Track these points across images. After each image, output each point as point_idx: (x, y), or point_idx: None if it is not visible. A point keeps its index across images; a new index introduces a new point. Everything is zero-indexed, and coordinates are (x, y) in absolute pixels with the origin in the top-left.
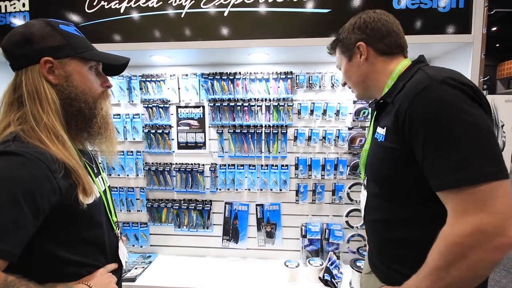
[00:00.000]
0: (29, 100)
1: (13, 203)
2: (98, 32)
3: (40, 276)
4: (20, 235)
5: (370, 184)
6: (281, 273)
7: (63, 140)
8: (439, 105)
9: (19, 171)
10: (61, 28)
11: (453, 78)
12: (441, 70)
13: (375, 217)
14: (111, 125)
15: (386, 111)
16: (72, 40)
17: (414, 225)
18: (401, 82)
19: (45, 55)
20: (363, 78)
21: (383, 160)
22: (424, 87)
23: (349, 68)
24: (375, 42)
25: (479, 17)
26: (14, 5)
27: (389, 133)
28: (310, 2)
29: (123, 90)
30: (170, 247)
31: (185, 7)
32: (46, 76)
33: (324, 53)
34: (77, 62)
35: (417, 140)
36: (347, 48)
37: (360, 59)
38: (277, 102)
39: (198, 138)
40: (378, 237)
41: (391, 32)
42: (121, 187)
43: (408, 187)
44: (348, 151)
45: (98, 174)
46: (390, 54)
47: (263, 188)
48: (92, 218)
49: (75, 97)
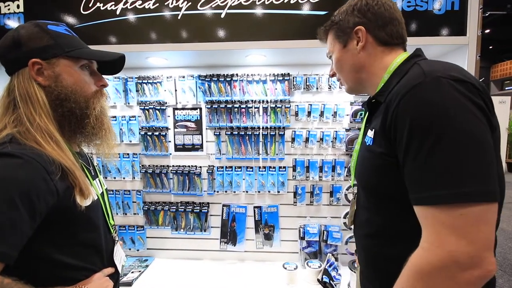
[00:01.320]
0: (22, 103)
1: (10, 205)
2: (94, 33)
3: (36, 279)
4: (17, 237)
5: (359, 191)
6: (279, 275)
7: (57, 141)
8: (428, 106)
9: (16, 172)
10: (49, 28)
11: (451, 75)
12: (440, 65)
13: (365, 232)
14: (107, 125)
15: (378, 112)
16: (60, 40)
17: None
18: (395, 79)
19: (32, 57)
20: (357, 68)
21: (371, 167)
22: (415, 84)
23: (342, 55)
24: (376, 29)
25: (474, 19)
26: (8, 7)
27: (377, 136)
28: (307, 4)
29: (119, 92)
30: (167, 250)
31: (181, 9)
32: (36, 78)
33: (321, 55)
34: (65, 62)
35: (400, 146)
36: (343, 31)
37: (356, 46)
38: (275, 104)
39: (195, 140)
40: (371, 256)
41: (394, 20)
42: (117, 190)
43: (400, 196)
44: (345, 152)
45: (96, 177)
46: (389, 44)
47: (261, 190)
48: (89, 220)
49: (65, 98)
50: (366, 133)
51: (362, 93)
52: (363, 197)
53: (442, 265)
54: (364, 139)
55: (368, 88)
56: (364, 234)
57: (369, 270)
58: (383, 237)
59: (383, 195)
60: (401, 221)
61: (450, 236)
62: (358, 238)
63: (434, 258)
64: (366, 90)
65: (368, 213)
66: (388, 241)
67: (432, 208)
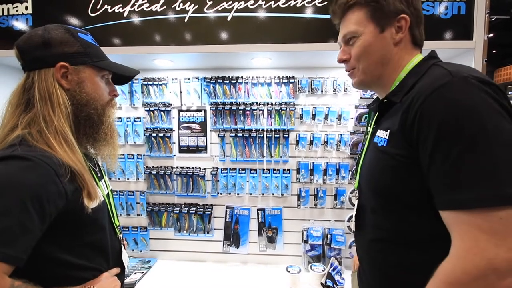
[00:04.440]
0: (40, 102)
1: (20, 208)
2: (101, 35)
3: (43, 280)
4: (27, 240)
5: (366, 195)
6: (282, 278)
7: (72, 144)
8: (461, 106)
9: (26, 175)
10: (80, 36)
11: (476, 77)
12: (461, 67)
13: (373, 237)
14: (116, 131)
15: (390, 113)
16: (89, 49)
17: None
18: (411, 79)
19: (61, 60)
20: (386, 61)
21: (385, 168)
22: (443, 83)
23: (375, 41)
24: (415, 25)
25: (480, 24)
26: (16, 8)
27: (393, 137)
28: (312, 8)
29: (124, 94)
30: (170, 252)
31: (188, 12)
32: (59, 80)
33: (326, 59)
34: (91, 70)
35: (425, 144)
36: (385, 14)
37: (395, 36)
38: (279, 107)
39: (200, 142)
40: (378, 263)
41: (423, 21)
42: (121, 191)
43: (417, 200)
44: (350, 155)
45: (101, 178)
46: (417, 45)
47: (265, 192)
48: (96, 222)
49: (85, 103)
50: (375, 134)
51: (371, 90)
52: (371, 201)
53: (480, 274)
54: (374, 140)
55: (383, 86)
56: (370, 239)
57: (373, 277)
58: (393, 243)
59: (396, 199)
60: (416, 227)
61: (489, 243)
62: (361, 242)
63: (471, 267)
64: (379, 87)
65: (376, 217)
66: (399, 248)
67: (466, 213)
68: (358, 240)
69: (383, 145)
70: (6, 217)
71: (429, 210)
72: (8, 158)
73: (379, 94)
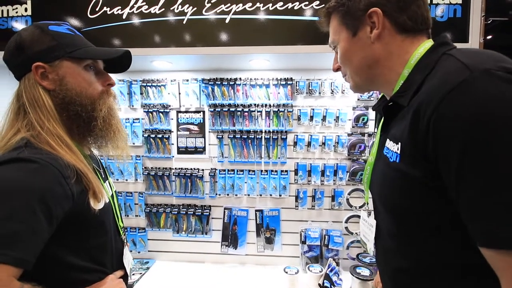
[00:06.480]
0: (30, 108)
1: (28, 210)
2: (100, 37)
3: (49, 282)
4: (35, 243)
5: (382, 216)
6: (280, 279)
7: (69, 145)
8: (488, 114)
9: (33, 178)
10: (50, 29)
11: (504, 67)
12: (481, 55)
13: (395, 264)
14: (115, 125)
15: (398, 117)
16: (62, 40)
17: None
18: (419, 75)
19: (35, 60)
20: (370, 62)
21: (400, 189)
22: (459, 82)
23: (351, 46)
24: (396, 12)
25: (476, 26)
26: (16, 10)
27: (405, 151)
28: (311, 10)
29: (123, 95)
30: (168, 252)
31: (187, 14)
32: (40, 82)
33: (324, 60)
34: (69, 63)
35: (447, 164)
36: (353, 16)
37: (370, 34)
38: (277, 108)
39: (198, 143)
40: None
41: (418, 0)
42: (119, 191)
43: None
44: (347, 157)
45: (106, 179)
46: (412, 31)
47: (263, 193)
48: (102, 223)
49: (70, 101)
50: (384, 144)
51: (371, 91)
52: (389, 223)
53: None
54: (383, 151)
55: (382, 86)
56: (394, 268)
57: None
58: (419, 271)
59: (418, 223)
60: (447, 254)
61: None
62: (383, 267)
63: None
64: (378, 88)
65: (397, 242)
66: (428, 277)
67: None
68: (380, 264)
69: (396, 161)
70: (15, 221)
71: (460, 236)
72: (14, 160)
73: (385, 94)
